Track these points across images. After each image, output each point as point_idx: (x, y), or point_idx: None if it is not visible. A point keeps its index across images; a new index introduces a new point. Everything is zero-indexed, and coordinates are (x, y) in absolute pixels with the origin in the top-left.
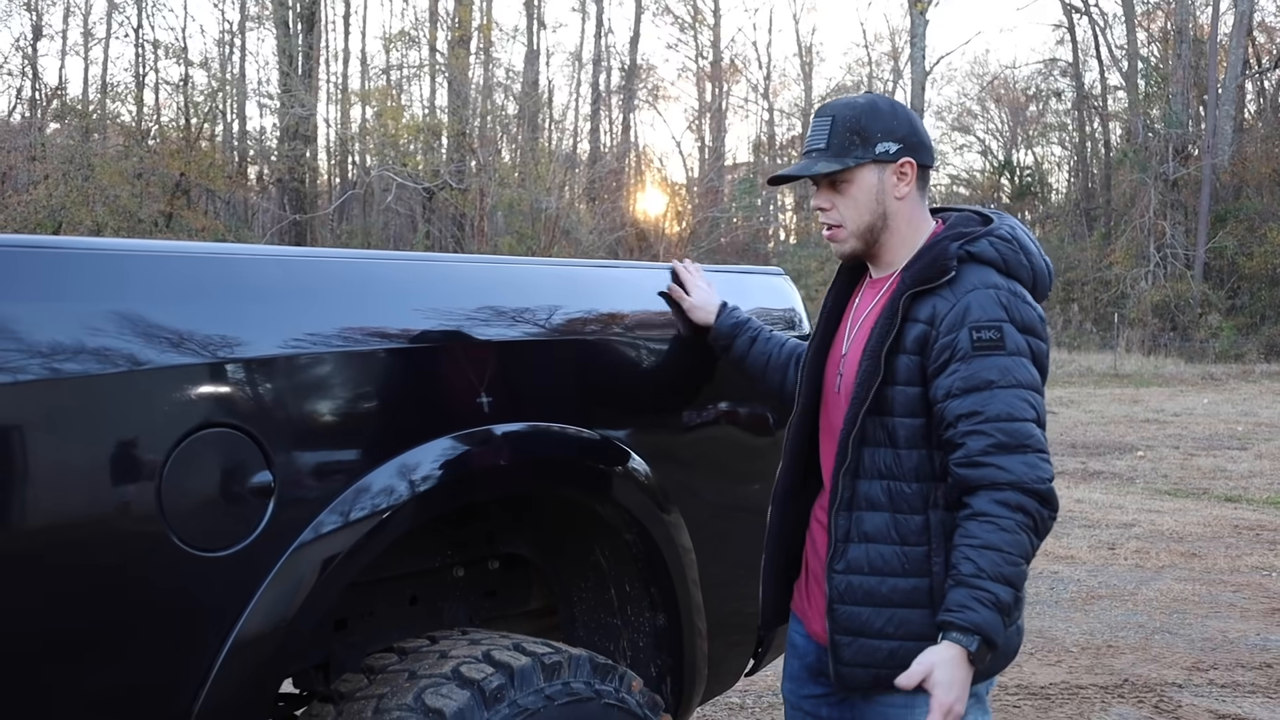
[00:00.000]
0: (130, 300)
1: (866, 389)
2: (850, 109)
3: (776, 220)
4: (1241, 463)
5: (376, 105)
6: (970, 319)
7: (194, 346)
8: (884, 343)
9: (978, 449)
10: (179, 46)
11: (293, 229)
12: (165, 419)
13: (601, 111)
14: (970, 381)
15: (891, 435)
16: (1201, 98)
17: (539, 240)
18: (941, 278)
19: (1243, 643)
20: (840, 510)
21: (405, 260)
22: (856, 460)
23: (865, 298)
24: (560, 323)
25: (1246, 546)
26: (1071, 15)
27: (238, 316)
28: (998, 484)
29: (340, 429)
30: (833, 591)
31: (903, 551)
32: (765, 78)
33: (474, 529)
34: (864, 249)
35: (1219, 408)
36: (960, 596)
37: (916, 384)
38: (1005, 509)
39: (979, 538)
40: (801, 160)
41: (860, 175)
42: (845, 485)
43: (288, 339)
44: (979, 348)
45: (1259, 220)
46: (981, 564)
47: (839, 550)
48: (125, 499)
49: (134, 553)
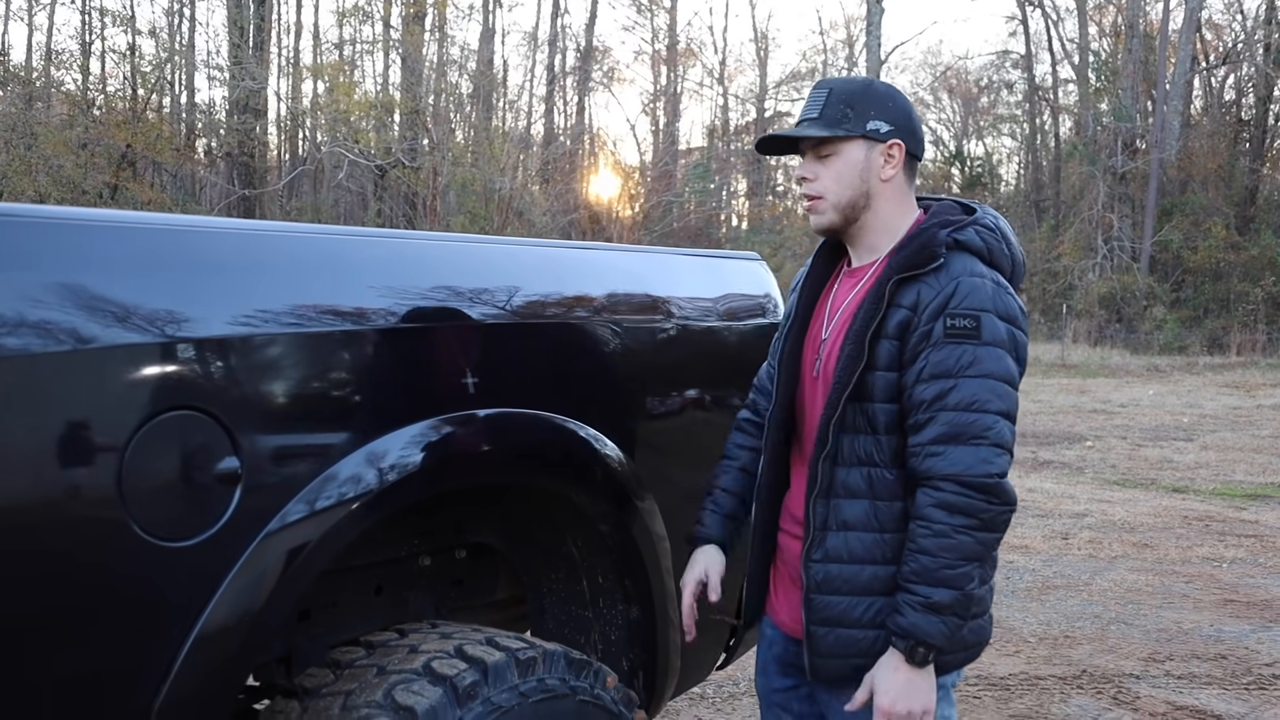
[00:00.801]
0: (89, 273)
1: (849, 373)
2: (847, 84)
3: (729, 205)
4: (1188, 454)
5: (329, 80)
6: (951, 307)
7: (156, 323)
8: (869, 327)
9: (929, 438)
10: (126, 14)
11: (241, 204)
12: (128, 400)
13: (556, 93)
14: (937, 368)
15: (871, 421)
16: (1150, 93)
17: (492, 221)
18: (929, 264)
19: (1197, 634)
20: (818, 498)
21: (378, 238)
22: (836, 446)
23: (844, 285)
24: (535, 306)
25: (1196, 537)
26: (1025, 8)
27: (201, 292)
28: (939, 477)
29: (311, 413)
30: (810, 581)
31: (883, 539)
32: (720, 63)
33: (442, 517)
34: (842, 225)
35: (1164, 399)
36: (895, 600)
37: (895, 369)
38: (942, 512)
39: (915, 541)
40: (792, 127)
41: (847, 148)
42: (824, 472)
43: (256, 317)
44: (951, 335)
45: (1203, 215)
46: (914, 567)
47: (817, 539)
48: (86, 484)
49: (94, 542)
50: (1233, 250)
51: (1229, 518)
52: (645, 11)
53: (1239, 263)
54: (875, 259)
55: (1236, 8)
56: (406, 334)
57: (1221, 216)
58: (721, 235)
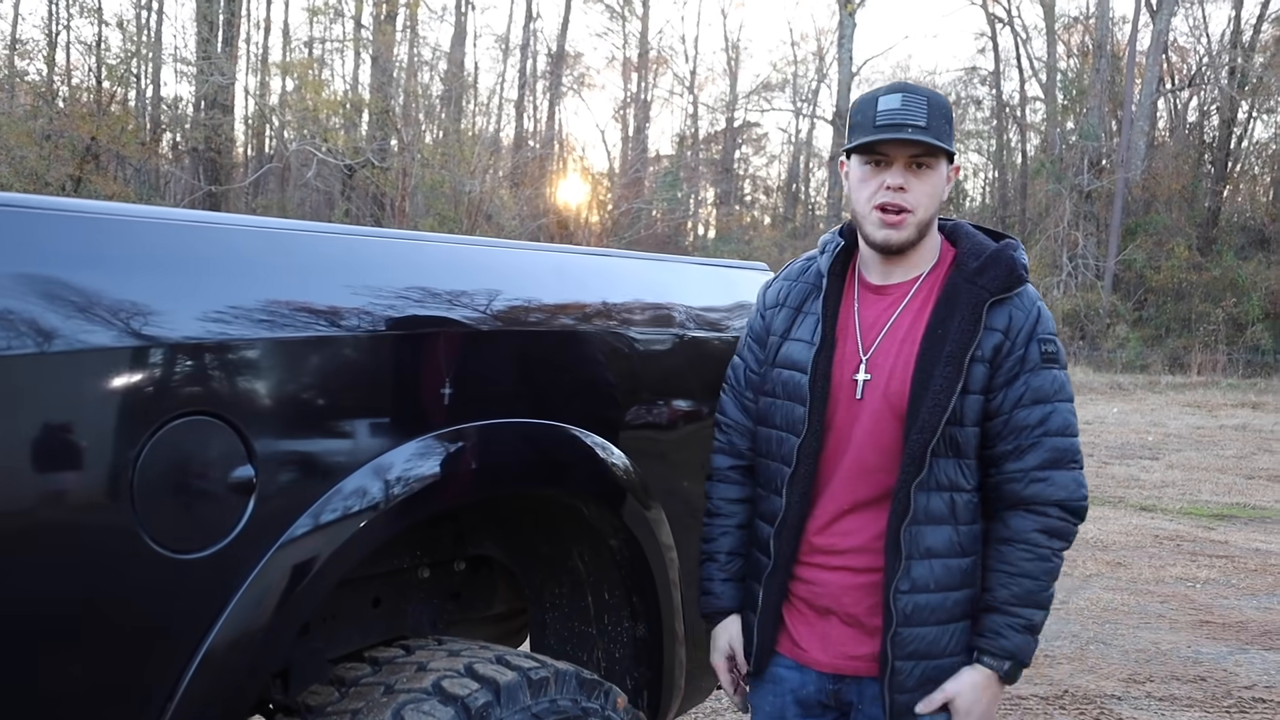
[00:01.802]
0: (94, 269)
1: (949, 396)
2: (937, 95)
3: (697, 214)
4: (1154, 472)
5: (298, 78)
6: (1039, 331)
7: (170, 324)
8: (968, 349)
9: (1034, 463)
10: (94, 6)
11: (206, 200)
12: (139, 404)
13: (527, 97)
14: (1038, 394)
15: (959, 446)
16: (1116, 113)
17: (461, 224)
18: (1018, 287)
19: (1175, 655)
20: (906, 526)
21: (393, 239)
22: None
23: (872, 303)
24: (548, 313)
25: (1169, 556)
26: (994, 25)
27: (217, 292)
28: (1044, 502)
29: (330, 419)
30: (897, 615)
31: (964, 564)
32: (691, 72)
33: (444, 528)
34: (915, 242)
35: (1129, 417)
36: (995, 623)
37: (984, 393)
38: (1044, 536)
39: (1015, 565)
40: (892, 128)
41: (942, 165)
42: (913, 500)
43: (272, 319)
44: (1046, 361)
45: (1166, 235)
46: (1016, 591)
47: (904, 569)
48: (97, 492)
49: (103, 554)
50: (1195, 271)
51: (1199, 537)
52: (617, 18)
53: (1201, 283)
54: (912, 276)
55: (1201, 31)
56: (421, 340)
57: (1184, 237)
58: (689, 244)
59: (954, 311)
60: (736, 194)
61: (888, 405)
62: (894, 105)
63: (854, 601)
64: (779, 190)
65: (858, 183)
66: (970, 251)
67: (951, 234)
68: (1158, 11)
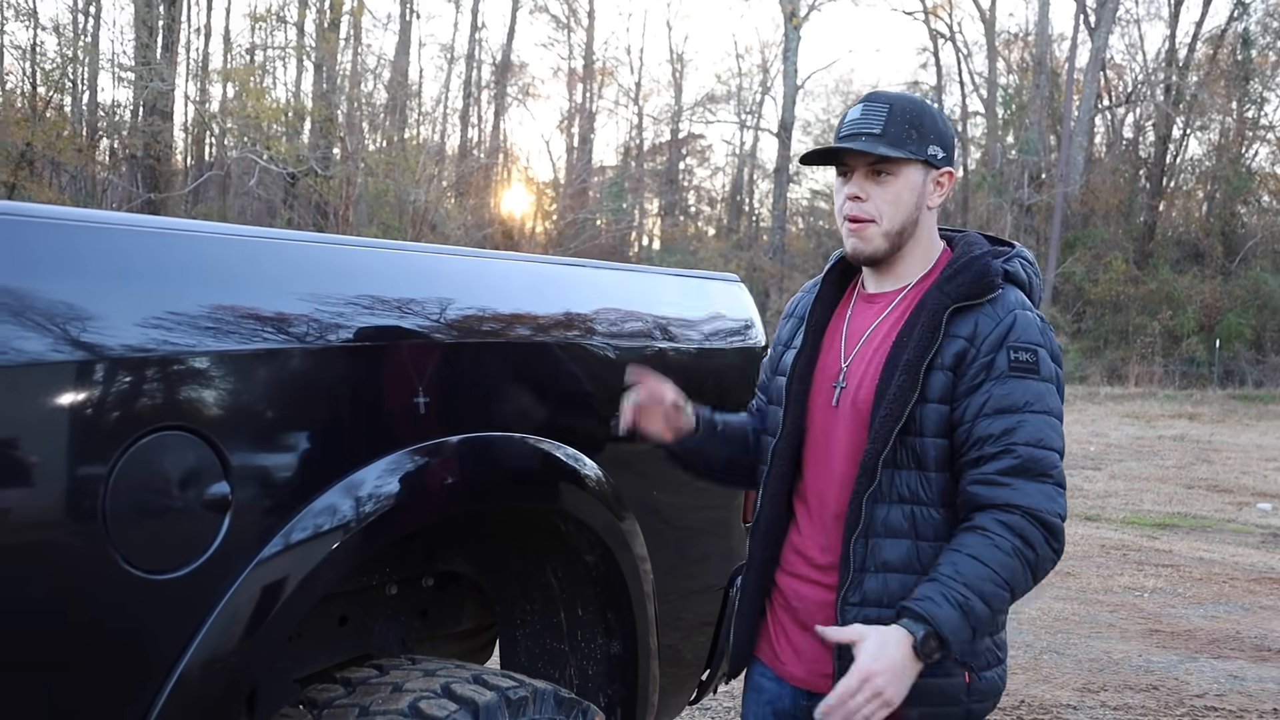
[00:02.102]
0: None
1: (902, 405)
2: (908, 101)
3: (642, 225)
4: (1097, 482)
5: (239, 84)
6: (1011, 339)
7: (141, 336)
8: (924, 357)
9: (998, 469)
10: (29, 9)
11: (145, 207)
12: (112, 418)
13: (472, 106)
14: (1002, 402)
15: (919, 457)
16: (1056, 128)
17: (405, 233)
18: (987, 295)
19: (1127, 664)
20: (857, 538)
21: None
22: (879, 483)
23: (862, 311)
24: (519, 323)
25: (1116, 566)
26: (936, 40)
27: (188, 303)
28: (1009, 505)
29: (308, 433)
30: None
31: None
32: (636, 83)
33: (415, 544)
34: (887, 252)
35: (1070, 428)
36: (925, 589)
37: (948, 402)
38: (1007, 530)
39: (969, 546)
40: (848, 138)
41: (909, 171)
42: (866, 511)
43: (249, 330)
44: (1015, 369)
45: (1104, 248)
46: (962, 569)
47: (855, 581)
48: (68, 511)
49: (74, 575)
50: (1132, 284)
51: (1144, 546)
52: (563, 28)
53: (1137, 296)
54: (902, 285)
55: (1138, 49)
56: (389, 352)
57: (1122, 251)
58: (634, 254)
59: (919, 319)
60: (681, 205)
61: (855, 413)
62: (856, 115)
63: (828, 619)
64: (723, 201)
65: (835, 193)
66: (953, 260)
67: (955, 244)
68: (1095, 29)
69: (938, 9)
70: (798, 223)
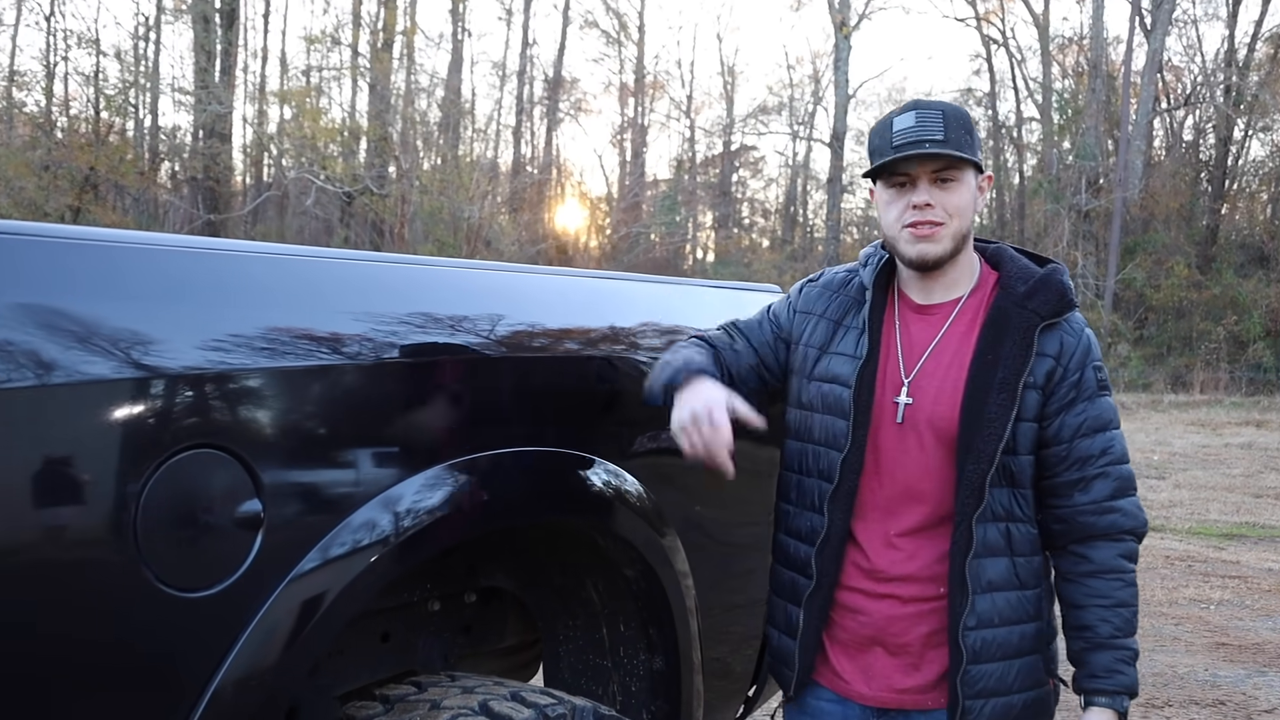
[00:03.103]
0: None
1: (1004, 424)
2: (954, 107)
3: (695, 238)
4: (1161, 492)
5: (295, 106)
6: (1091, 357)
7: (172, 354)
8: (1021, 375)
9: (1105, 493)
10: (91, 37)
11: (205, 229)
12: (144, 437)
13: (524, 123)
14: (1098, 421)
15: (1014, 475)
16: (1113, 132)
17: (460, 249)
18: (1067, 312)
19: (1192, 678)
20: (971, 560)
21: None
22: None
23: (916, 323)
24: (558, 338)
25: (1180, 578)
26: (989, 47)
27: (221, 321)
28: (1119, 532)
29: (339, 450)
30: (968, 652)
31: (1024, 596)
32: (688, 96)
33: (455, 560)
34: (952, 255)
35: (1133, 437)
36: (1106, 661)
37: (1037, 420)
38: (1127, 562)
39: (1111, 596)
40: (911, 146)
41: (968, 176)
42: (973, 531)
43: (278, 348)
44: (1101, 387)
45: (1165, 253)
46: (1118, 624)
47: (971, 605)
48: (99, 529)
49: (106, 592)
50: (1195, 289)
51: (1210, 558)
52: (613, 44)
53: (1201, 301)
54: (955, 296)
55: (1196, 50)
56: (428, 368)
57: (1183, 255)
58: (688, 267)
59: (1004, 336)
60: (735, 217)
61: (933, 431)
62: (909, 124)
63: (901, 631)
64: (777, 213)
65: (885, 206)
66: (1017, 275)
67: (994, 257)
68: (1152, 31)
69: (990, 15)
70: (852, 233)
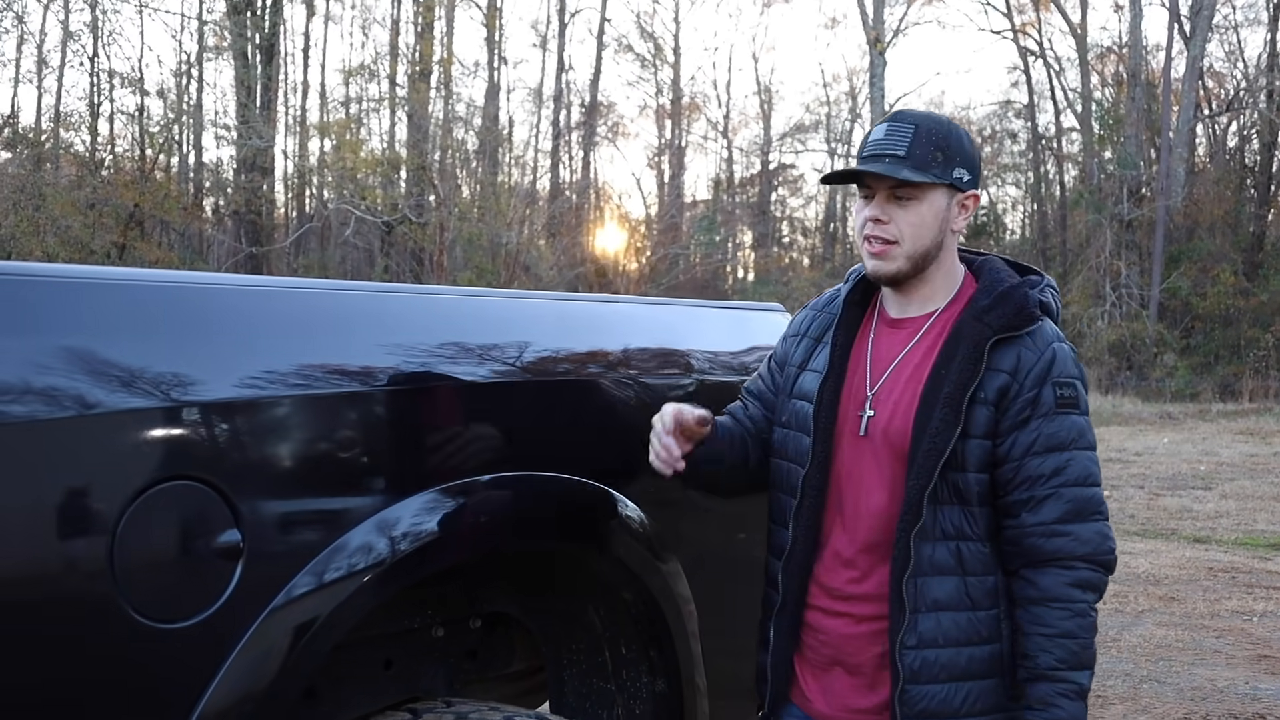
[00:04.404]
0: (83, 335)
1: (945, 440)
2: (934, 122)
3: (735, 258)
4: (1207, 503)
5: (335, 138)
6: (1054, 374)
7: (149, 387)
8: (967, 390)
9: (1054, 516)
10: (135, 76)
11: (249, 261)
12: (119, 471)
13: (562, 147)
14: (1052, 440)
15: (962, 492)
16: (1154, 140)
17: (499, 275)
18: (1027, 326)
19: (1232, 691)
20: (908, 577)
21: (381, 293)
22: (924, 520)
23: (887, 337)
24: (549, 362)
25: (1223, 589)
26: (1026, 58)
27: (198, 354)
28: (1071, 558)
29: (317, 480)
30: (905, 671)
31: (975, 617)
32: (725, 116)
33: (455, 585)
34: (909, 274)
35: (1180, 447)
36: (1044, 692)
37: (990, 437)
38: (1078, 590)
39: (1053, 626)
40: (869, 162)
41: (933, 195)
42: (913, 549)
43: (258, 379)
44: (1062, 405)
45: (1211, 261)
46: (1060, 655)
47: (909, 623)
48: (75, 561)
49: (83, 625)
50: (1241, 296)
51: (1255, 569)
52: (649, 66)
53: (1248, 309)
54: (929, 311)
55: (1238, 56)
56: (414, 395)
57: (1229, 263)
58: (728, 287)
59: (957, 350)
60: (774, 236)
61: (888, 445)
62: (879, 135)
63: (856, 650)
64: (817, 230)
65: (855, 214)
66: (985, 287)
67: (978, 269)
68: (1191, 38)
69: (1027, 26)
70: None
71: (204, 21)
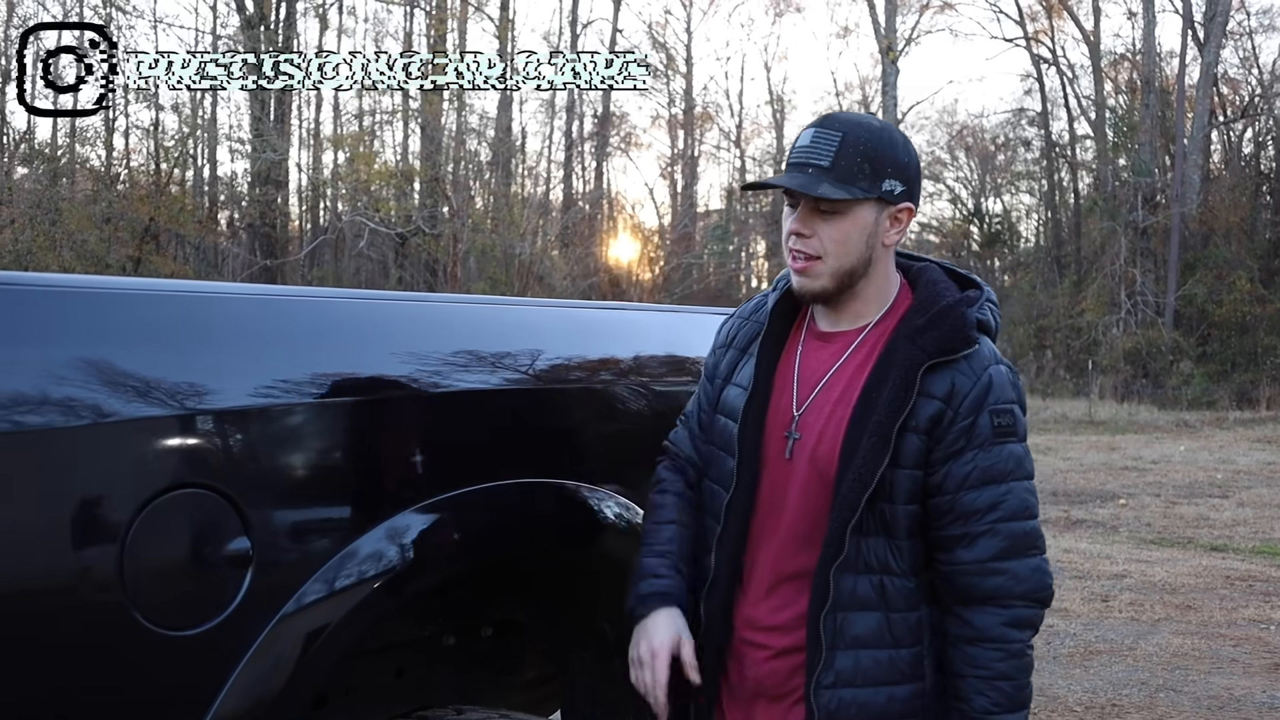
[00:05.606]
0: (94, 345)
1: (873, 470)
2: (864, 130)
3: (749, 267)
4: (1224, 511)
5: (349, 150)
6: (990, 400)
7: (158, 396)
8: (897, 418)
9: (990, 553)
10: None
11: (263, 274)
12: (129, 479)
13: (574, 158)
14: (989, 473)
15: (889, 524)
16: (1169, 147)
17: (513, 286)
18: (963, 350)
19: (1249, 701)
20: (827, 613)
21: (391, 301)
22: (847, 553)
23: (814, 352)
24: (559, 370)
25: (1240, 598)
26: (1039, 66)
27: (211, 362)
28: (1009, 596)
29: (327, 488)
30: (820, 711)
31: (897, 655)
32: (737, 125)
33: (467, 594)
34: (835, 291)
35: (1196, 455)
36: None
37: (920, 468)
38: (1014, 630)
39: (989, 668)
40: (792, 171)
41: (859, 210)
42: (834, 582)
43: (269, 387)
44: (999, 434)
45: (1227, 268)
46: (996, 698)
47: (826, 660)
48: (84, 570)
49: (92, 632)
50: (1258, 303)
51: (1272, 577)
52: (661, 76)
53: (1265, 316)
54: (859, 325)
55: (1252, 62)
56: (423, 401)
57: (1245, 270)
58: (742, 296)
59: (889, 374)
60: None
61: (815, 471)
62: (805, 142)
63: (775, 685)
64: None
65: (783, 220)
66: (921, 305)
67: (915, 279)
68: (1205, 45)
69: (1040, 34)
70: None
71: (218, 36)
